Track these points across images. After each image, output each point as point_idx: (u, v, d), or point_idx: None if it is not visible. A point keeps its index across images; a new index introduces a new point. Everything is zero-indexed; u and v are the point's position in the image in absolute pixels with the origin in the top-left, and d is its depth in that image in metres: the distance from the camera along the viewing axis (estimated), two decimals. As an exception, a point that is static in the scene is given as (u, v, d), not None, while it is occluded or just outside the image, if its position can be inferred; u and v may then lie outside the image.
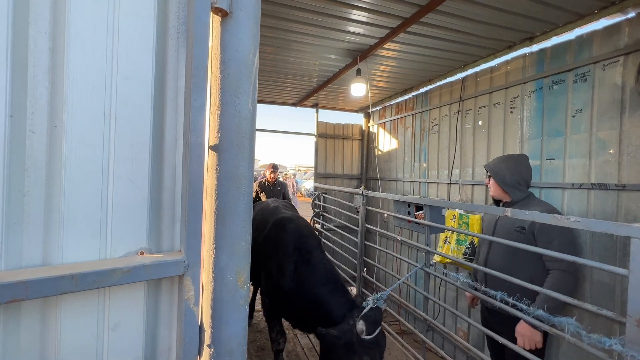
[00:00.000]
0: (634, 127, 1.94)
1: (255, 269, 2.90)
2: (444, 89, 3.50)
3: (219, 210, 0.57)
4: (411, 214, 2.52)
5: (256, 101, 0.60)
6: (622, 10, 2.00)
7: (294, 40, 2.68)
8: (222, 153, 0.57)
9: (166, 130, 0.53)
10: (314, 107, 4.91)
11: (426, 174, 3.75)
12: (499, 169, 2.02)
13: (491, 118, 2.93)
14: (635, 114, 1.94)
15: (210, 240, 0.57)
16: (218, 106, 0.57)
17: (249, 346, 3.34)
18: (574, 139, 2.27)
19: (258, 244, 2.61)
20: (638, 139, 1.92)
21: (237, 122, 0.57)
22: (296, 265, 2.17)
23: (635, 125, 1.94)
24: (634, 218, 1.93)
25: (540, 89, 2.50)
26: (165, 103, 0.52)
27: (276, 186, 4.64)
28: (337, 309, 1.88)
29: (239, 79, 0.57)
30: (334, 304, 1.91)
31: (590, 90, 2.17)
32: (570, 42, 2.32)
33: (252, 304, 3.81)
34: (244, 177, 0.58)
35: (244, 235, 0.58)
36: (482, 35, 2.47)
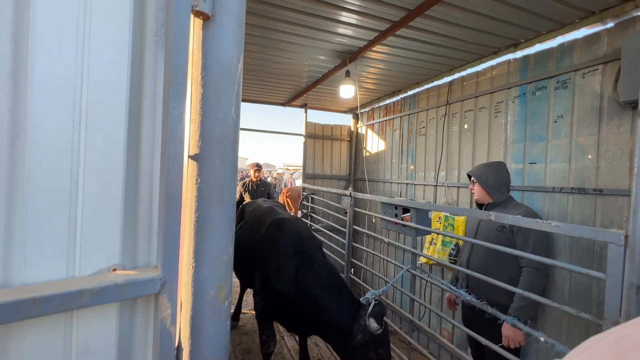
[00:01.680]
0: (611, 133, 2.01)
1: (246, 269, 2.88)
2: (432, 92, 3.54)
3: (199, 223, 0.54)
4: (398, 216, 2.54)
5: (239, 109, 0.58)
6: (602, 20, 2.07)
7: (282, 40, 2.65)
8: (203, 163, 0.54)
9: (143, 140, 0.49)
10: (302, 107, 4.89)
11: (413, 176, 3.79)
12: (481, 173, 2.13)
13: (476, 122, 2.98)
14: (613, 121, 2.01)
15: (190, 255, 0.54)
16: (199, 114, 0.54)
17: (235, 349, 3.30)
18: (555, 144, 2.34)
19: (253, 244, 2.56)
20: (615, 145, 1.99)
21: (219, 131, 0.55)
22: (298, 268, 2.12)
23: (613, 132, 2.01)
24: (610, 222, 2.00)
25: (524, 95, 2.57)
26: (142, 110, 0.49)
27: (260, 186, 4.58)
28: (343, 311, 1.90)
29: (221, 86, 0.54)
30: (340, 307, 1.92)
31: (571, 97, 2.24)
32: (553, 50, 2.38)
33: (239, 305, 3.76)
34: (227, 188, 0.56)
35: (225, 248, 0.56)
36: (469, 41, 2.51)
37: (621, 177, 1.96)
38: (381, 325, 1.76)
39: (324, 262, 2.22)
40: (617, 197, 1.97)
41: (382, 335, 1.79)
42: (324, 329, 1.99)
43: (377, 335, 1.75)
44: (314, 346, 3.33)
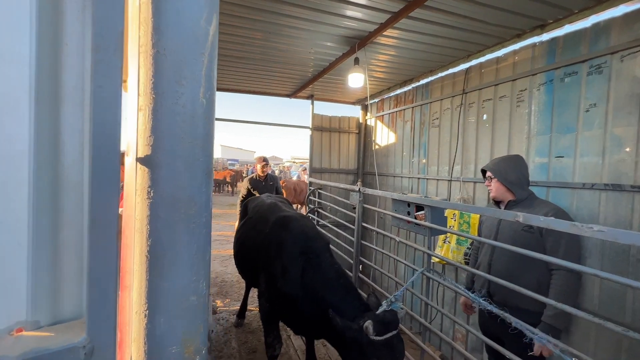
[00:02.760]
0: (655, 123, 1.79)
1: (251, 268, 2.78)
2: (446, 80, 3.32)
3: (153, 253, 0.39)
4: (411, 214, 2.37)
5: (213, 91, 0.42)
6: (646, -6, 1.82)
7: (287, 25, 2.46)
8: (157, 169, 0.39)
9: (64, 136, 0.35)
10: (309, 99, 4.70)
11: (425, 170, 3.59)
12: (499, 167, 1.94)
13: (496, 112, 2.76)
14: (656, 110, 1.79)
15: (141, 299, 0.39)
16: (150, 98, 0.39)
17: (240, 348, 3.22)
18: (586, 136, 2.12)
19: (257, 243, 2.47)
20: (658, 137, 1.78)
21: (180, 123, 0.39)
22: (304, 270, 2.02)
23: (656, 121, 1.79)
24: (650, 222, 1.80)
25: (551, 82, 2.34)
26: (61, 93, 0.34)
27: (268, 181, 4.44)
28: (350, 314, 1.79)
29: (183, 58, 0.39)
30: (348, 310, 1.82)
31: (606, 83, 2.01)
32: (585, 31, 2.14)
33: (245, 303, 3.68)
34: (195, 203, 0.41)
35: (194, 286, 0.41)
36: (490, 22, 2.28)
37: (665, 172, 1.75)
38: (382, 332, 1.59)
39: (331, 262, 2.11)
40: (660, 194, 1.76)
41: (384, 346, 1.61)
42: (331, 332, 1.87)
43: (377, 343, 1.58)
44: (321, 346, 3.23)
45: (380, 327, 1.60)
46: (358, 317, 1.72)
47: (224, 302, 4.32)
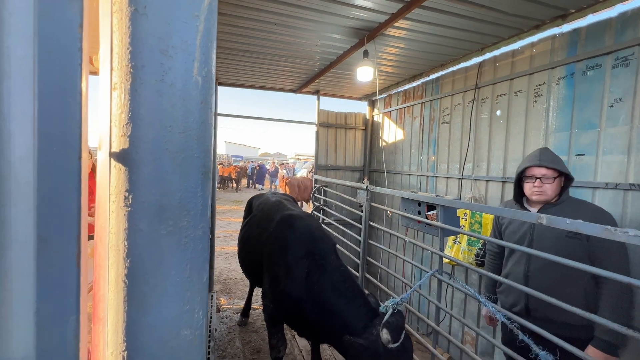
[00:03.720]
0: (687, 119, 1.67)
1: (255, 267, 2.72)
2: (458, 75, 3.19)
3: (132, 277, 0.30)
4: (422, 214, 2.28)
5: (212, 68, 0.34)
6: (680, -20, 1.69)
7: (292, 16, 2.36)
8: (137, 167, 0.30)
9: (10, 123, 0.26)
10: (315, 94, 4.60)
11: (435, 168, 3.48)
12: (562, 163, 1.64)
13: (511, 108, 2.64)
14: (690, 105, 1.66)
15: (118, 335, 0.31)
16: (127, 73, 0.30)
17: (244, 348, 3.17)
18: (609, 133, 2.00)
19: (261, 243, 2.42)
20: (691, 134, 1.66)
21: (168, 107, 0.30)
22: (309, 271, 1.96)
23: (689, 117, 1.67)
24: (680, 225, 1.69)
25: (572, 75, 2.21)
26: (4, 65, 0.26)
27: None
28: (357, 319, 1.74)
29: (170, 21, 0.29)
30: (354, 315, 1.76)
31: (634, 76, 1.89)
32: (611, 21, 2.01)
33: (249, 302, 3.62)
34: (187, 211, 0.32)
35: (187, 317, 0.32)
36: (508, 12, 2.16)
37: (698, 172, 1.63)
38: (396, 339, 1.54)
39: (337, 264, 2.04)
40: (692, 196, 1.64)
41: (399, 351, 1.57)
42: (335, 336, 1.82)
43: (391, 350, 1.54)
44: (327, 347, 3.17)
45: (395, 334, 1.56)
46: (369, 325, 1.65)
47: (227, 300, 4.27)
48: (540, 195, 1.65)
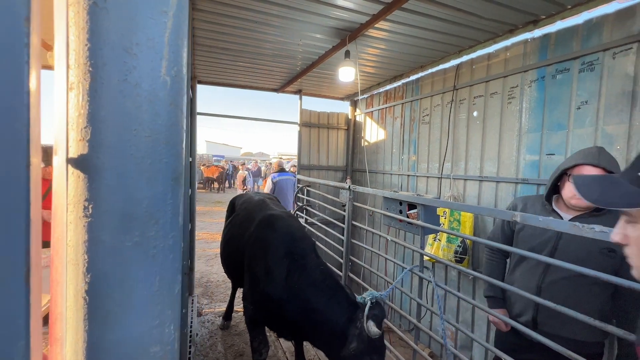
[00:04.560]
0: (646, 121, 1.79)
1: (236, 267, 2.68)
2: (437, 76, 3.27)
3: (94, 293, 0.28)
4: (403, 213, 2.31)
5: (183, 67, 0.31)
6: (638, -9, 1.81)
7: (273, 14, 2.33)
8: (98, 174, 0.28)
9: None
10: (297, 94, 4.57)
11: (415, 167, 3.55)
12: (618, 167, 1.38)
13: (487, 109, 2.73)
14: (648, 108, 1.78)
15: (78, 356, 0.29)
16: (86, 72, 0.27)
17: (227, 352, 3.11)
18: (577, 133, 2.11)
19: (242, 242, 2.39)
20: (649, 135, 1.77)
21: (132, 109, 0.28)
22: (289, 271, 1.96)
23: (647, 119, 1.78)
24: (640, 220, 1.80)
25: (542, 78, 2.32)
26: None
27: None
28: (340, 314, 1.76)
29: (134, 16, 0.27)
30: (337, 310, 1.78)
31: (598, 81, 2.00)
32: (578, 27, 2.12)
33: (231, 304, 3.55)
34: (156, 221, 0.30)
35: (157, 333, 0.30)
36: (484, 16, 2.23)
37: (655, 170, 1.75)
38: (381, 329, 1.63)
39: (317, 262, 2.05)
40: (650, 193, 1.76)
41: (379, 340, 1.67)
42: (317, 333, 1.86)
43: (374, 340, 1.62)
44: (310, 347, 3.16)
45: (379, 325, 1.63)
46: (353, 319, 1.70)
47: (209, 303, 4.17)
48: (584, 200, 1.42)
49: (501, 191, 2.61)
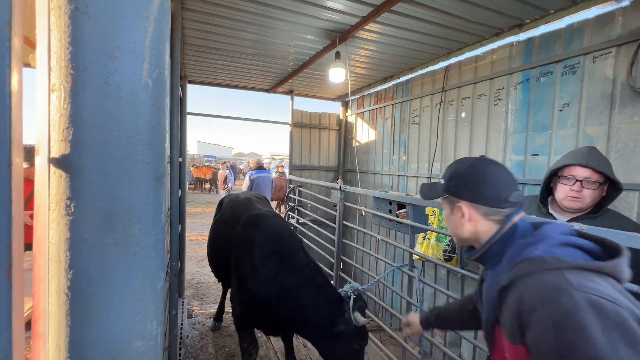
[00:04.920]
0: (624, 123, 1.86)
1: (223, 269, 2.67)
2: (426, 78, 3.32)
3: (76, 289, 0.29)
4: (392, 212, 2.35)
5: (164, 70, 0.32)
6: (617, -3, 1.88)
7: (264, 15, 2.34)
8: (80, 174, 0.29)
9: None
10: (288, 94, 4.58)
11: (406, 167, 3.60)
12: (611, 168, 1.35)
13: (474, 110, 2.79)
14: (626, 110, 1.85)
15: (61, 351, 0.29)
16: (67, 74, 0.28)
17: (217, 353, 3.09)
18: (560, 134, 2.17)
19: (229, 243, 2.39)
20: (627, 136, 1.84)
21: (114, 110, 0.29)
22: (279, 270, 2.00)
23: (625, 121, 1.85)
24: (619, 218, 1.87)
25: (527, 81, 2.38)
26: None
27: None
28: (330, 308, 1.87)
29: (115, 21, 0.28)
30: (325, 305, 1.89)
31: (579, 83, 2.07)
32: (560, 32, 2.19)
33: (222, 305, 3.53)
34: (138, 219, 0.31)
35: (139, 328, 0.31)
36: (471, 20, 2.28)
37: (633, 170, 1.82)
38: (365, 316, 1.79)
39: (307, 260, 2.11)
40: (628, 192, 1.83)
41: (364, 328, 1.84)
42: (307, 327, 1.96)
43: (359, 328, 1.78)
44: (302, 347, 3.17)
45: (364, 314, 1.80)
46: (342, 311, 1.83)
47: (200, 305, 4.14)
48: (576, 201, 1.37)
49: (488, 191, 2.66)
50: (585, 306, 0.61)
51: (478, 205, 0.86)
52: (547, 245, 0.76)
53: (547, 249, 0.75)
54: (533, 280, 0.71)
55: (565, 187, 1.38)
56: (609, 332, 0.59)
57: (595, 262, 0.70)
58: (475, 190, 0.86)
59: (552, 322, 0.63)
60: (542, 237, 0.78)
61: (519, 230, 0.83)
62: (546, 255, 0.74)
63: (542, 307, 0.66)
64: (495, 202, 0.85)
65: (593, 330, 0.59)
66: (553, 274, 0.68)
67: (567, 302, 0.63)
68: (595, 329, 0.59)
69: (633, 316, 0.61)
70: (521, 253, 0.78)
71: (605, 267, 0.69)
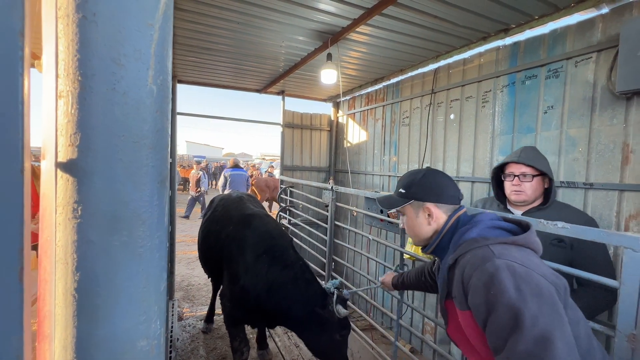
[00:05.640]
0: (603, 125, 1.94)
1: (214, 268, 2.67)
2: (416, 80, 3.37)
3: (83, 291, 0.29)
4: (384, 213, 2.38)
5: (168, 76, 0.33)
6: (597, 5, 1.95)
7: (256, 16, 2.34)
8: (87, 178, 0.29)
9: None
10: (280, 95, 4.57)
11: (396, 168, 3.65)
12: (544, 164, 1.54)
13: (463, 112, 2.85)
14: (605, 113, 1.93)
15: (67, 351, 0.30)
16: (75, 81, 0.29)
17: (209, 355, 3.06)
18: (544, 136, 2.25)
19: (220, 241, 2.41)
20: (607, 138, 1.92)
21: (120, 116, 0.30)
22: (269, 267, 2.08)
23: (605, 124, 1.93)
24: (599, 217, 1.95)
25: (513, 84, 2.45)
26: None
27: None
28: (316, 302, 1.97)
29: (122, 29, 0.29)
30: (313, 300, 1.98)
31: (562, 87, 2.14)
32: (544, 37, 2.26)
33: (212, 306, 3.50)
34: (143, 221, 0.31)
35: (144, 328, 0.32)
36: (459, 24, 2.34)
37: (612, 170, 1.90)
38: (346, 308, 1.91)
39: (296, 257, 2.19)
40: (608, 191, 1.91)
41: (346, 319, 1.96)
42: (294, 321, 2.06)
43: (342, 320, 1.90)
44: (294, 347, 3.17)
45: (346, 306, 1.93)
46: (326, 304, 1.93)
47: (190, 307, 4.09)
48: (519, 195, 1.56)
49: (476, 190, 2.73)
50: (503, 268, 0.80)
51: (441, 205, 1.05)
52: (479, 229, 0.97)
53: (479, 231, 0.96)
54: (469, 255, 0.91)
55: (508, 183, 1.61)
56: (520, 286, 0.78)
57: (512, 237, 0.92)
58: (438, 194, 1.06)
59: (482, 284, 0.82)
60: (476, 223, 0.99)
61: (460, 221, 1.04)
62: (478, 236, 0.94)
63: (475, 273, 0.85)
64: (455, 200, 1.07)
65: (507, 286, 0.78)
66: (482, 249, 0.89)
67: (490, 267, 0.82)
68: (509, 284, 0.78)
69: (543, 276, 0.81)
70: (462, 237, 0.98)
71: (518, 240, 0.90)
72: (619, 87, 1.76)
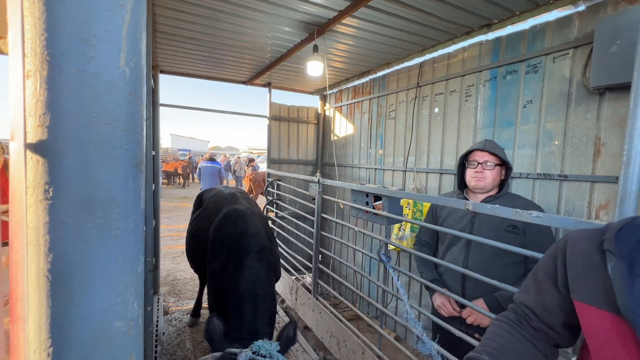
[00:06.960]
0: (578, 120, 2.02)
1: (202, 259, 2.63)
2: (402, 73, 3.40)
3: (56, 271, 0.29)
4: (369, 204, 2.41)
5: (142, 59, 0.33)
6: (574, 2, 2.02)
7: (241, 5, 2.29)
8: (58, 158, 0.29)
9: None
10: (266, 87, 4.52)
11: (382, 161, 3.69)
12: (503, 153, 1.69)
13: (447, 105, 2.91)
14: (580, 107, 2.01)
15: (42, 332, 0.30)
16: (43, 60, 0.28)
17: (195, 349, 3.06)
18: (523, 130, 2.32)
19: (207, 237, 2.37)
20: (581, 132, 2.00)
21: (91, 98, 0.29)
22: (234, 266, 1.89)
23: (579, 118, 2.01)
24: (572, 207, 2.04)
25: (495, 78, 2.51)
26: None
27: None
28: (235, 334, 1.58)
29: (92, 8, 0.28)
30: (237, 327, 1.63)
31: (541, 82, 2.21)
32: (525, 32, 2.32)
33: (199, 300, 3.49)
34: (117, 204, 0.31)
35: (120, 309, 0.32)
36: (443, 17, 2.36)
37: (585, 163, 1.99)
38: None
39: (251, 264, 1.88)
40: (581, 182, 2.00)
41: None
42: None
43: None
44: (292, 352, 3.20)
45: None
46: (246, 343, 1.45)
47: (176, 301, 4.06)
48: (480, 180, 1.68)
49: (459, 183, 2.80)
50: None
51: None
52: None
53: None
54: None
55: (471, 170, 1.73)
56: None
57: None
58: None
59: None
60: None
61: None
62: None
63: None
64: None
65: None
66: None
67: None
68: None
69: None
70: None
71: None
72: (592, 82, 1.83)
